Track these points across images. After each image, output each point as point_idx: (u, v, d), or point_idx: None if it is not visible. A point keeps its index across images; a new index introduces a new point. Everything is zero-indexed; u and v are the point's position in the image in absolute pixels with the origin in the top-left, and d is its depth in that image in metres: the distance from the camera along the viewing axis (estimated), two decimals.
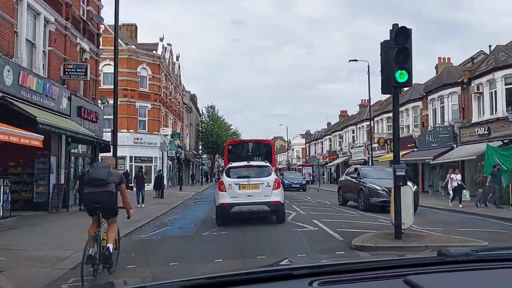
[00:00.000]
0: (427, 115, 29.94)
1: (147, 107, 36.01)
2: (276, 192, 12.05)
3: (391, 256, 2.38)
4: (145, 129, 35.87)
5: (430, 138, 28.57)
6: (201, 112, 63.40)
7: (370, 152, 38.85)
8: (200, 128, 65.08)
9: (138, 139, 34.81)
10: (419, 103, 31.26)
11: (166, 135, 38.91)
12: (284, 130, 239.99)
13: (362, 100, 55.43)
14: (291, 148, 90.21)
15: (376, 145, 38.53)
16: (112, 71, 34.70)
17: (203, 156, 75.04)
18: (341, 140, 51.25)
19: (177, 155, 44.07)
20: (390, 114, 37.75)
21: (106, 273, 6.23)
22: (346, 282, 1.45)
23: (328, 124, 67.32)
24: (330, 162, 51.36)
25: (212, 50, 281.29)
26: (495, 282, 1.39)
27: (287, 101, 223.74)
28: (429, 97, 29.42)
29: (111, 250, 6.26)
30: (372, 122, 40.29)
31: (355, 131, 45.43)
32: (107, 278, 5.79)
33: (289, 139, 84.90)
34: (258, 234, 10.78)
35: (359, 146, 42.21)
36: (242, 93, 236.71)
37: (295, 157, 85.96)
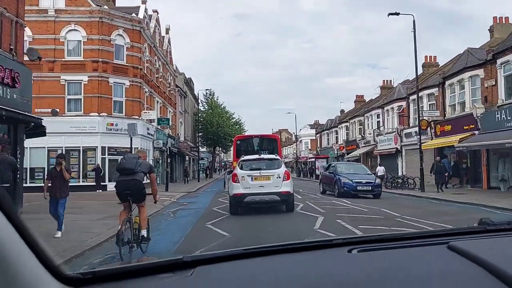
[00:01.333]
0: (493, 86, 22.21)
1: (124, 84, 28.38)
2: (286, 183, 12.82)
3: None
4: (122, 113, 28.28)
5: (503, 116, 20.87)
6: (197, 96, 55.60)
7: (401, 140, 31.39)
8: (197, 118, 57.50)
9: (112, 124, 27.25)
10: (480, 72, 23.50)
11: (150, 121, 31.31)
12: (289, 122, 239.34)
13: (384, 81, 47.88)
14: (299, 139, 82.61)
15: (411, 130, 30.83)
16: (80, 39, 27.55)
17: (201, 149, 67.69)
18: (361, 127, 43.53)
19: (168, 146, 36.52)
20: (432, 90, 30.04)
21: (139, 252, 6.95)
22: (387, 249, 1.43)
23: (342, 111, 59.62)
24: (348, 154, 43.70)
25: (215, 45, 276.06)
26: None
27: (291, 96, 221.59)
28: (499, 61, 21.66)
29: (145, 236, 7.20)
30: (406, 102, 32.58)
31: (382, 115, 37.69)
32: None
33: (295, 132, 77.20)
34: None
35: (389, 133, 34.45)
36: (246, 88, 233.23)
37: (303, 149, 78.29)
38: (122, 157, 8.38)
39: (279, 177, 12.74)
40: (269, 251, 1.47)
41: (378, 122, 38.36)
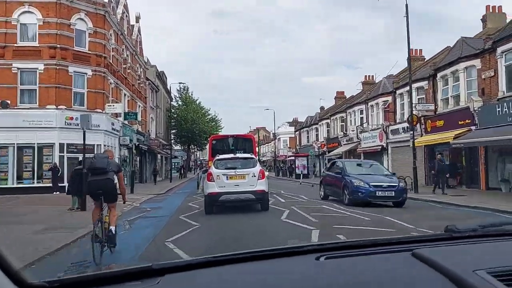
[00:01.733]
0: (492, 77, 20.31)
1: (86, 73, 25.47)
2: (261, 182, 12.87)
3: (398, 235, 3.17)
4: (83, 105, 25.38)
5: (505, 110, 18.96)
6: (169, 89, 52.62)
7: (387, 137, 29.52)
8: (171, 114, 54.63)
9: (72, 118, 24.33)
10: (476, 62, 21.61)
11: (116, 115, 28.47)
12: (268, 121, 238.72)
13: (365, 76, 46.07)
14: (278, 137, 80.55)
15: (398, 126, 28.96)
16: (35, 22, 24.44)
17: (175, 147, 64.82)
18: (343, 124, 41.53)
19: (136, 143, 33.77)
20: (422, 83, 27.90)
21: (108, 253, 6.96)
22: (353, 256, 1.46)
23: (322, 108, 57.71)
24: (330, 152, 41.65)
25: (191, 42, 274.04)
26: (501, 254, 1.37)
27: (270, 94, 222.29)
28: (500, 49, 19.75)
29: (114, 232, 7.07)
30: (392, 97, 30.66)
31: (365, 111, 35.71)
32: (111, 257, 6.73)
33: (274, 129, 74.99)
34: None
35: (374, 129, 32.47)
36: (224, 86, 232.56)
37: (282, 147, 76.19)
38: (92, 158, 8.43)
39: (254, 176, 12.86)
40: (238, 259, 1.48)
41: (362, 118, 36.39)
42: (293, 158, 51.38)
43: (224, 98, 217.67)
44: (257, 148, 25.70)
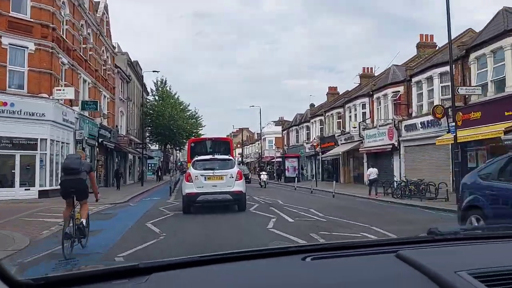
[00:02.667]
0: None
1: (27, 48, 19.90)
2: (238, 182, 13.13)
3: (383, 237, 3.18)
4: (22, 88, 19.83)
5: None
6: (142, 78, 46.82)
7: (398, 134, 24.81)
8: (146, 109, 48.98)
9: (5, 104, 18.79)
10: None
11: (70, 105, 22.87)
12: (250, 121, 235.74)
13: (364, 69, 41.35)
14: (263, 137, 75.54)
15: (415, 121, 24.16)
16: None
17: (151, 147, 59.18)
18: (340, 120, 36.57)
19: (100, 141, 28.35)
20: (446, 68, 21.75)
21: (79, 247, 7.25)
22: (338, 257, 1.48)
23: (312, 105, 52.74)
24: (324, 152, 36.68)
25: (174, 44, 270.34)
26: (482, 256, 1.41)
27: (252, 96, 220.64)
28: None
29: (84, 224, 7.43)
30: (405, 87, 25.86)
31: (369, 105, 30.81)
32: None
33: (260, 128, 69.94)
34: None
35: (383, 125, 27.53)
36: (206, 88, 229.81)
37: (267, 147, 71.10)
38: (65, 158, 9.01)
39: (232, 177, 13.14)
40: (225, 258, 1.48)
41: (364, 113, 31.47)
42: (281, 159, 46.31)
43: (205, 100, 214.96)
44: (234, 151, 26.00)
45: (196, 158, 14.24)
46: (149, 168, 66.97)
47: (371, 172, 22.00)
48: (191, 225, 10.84)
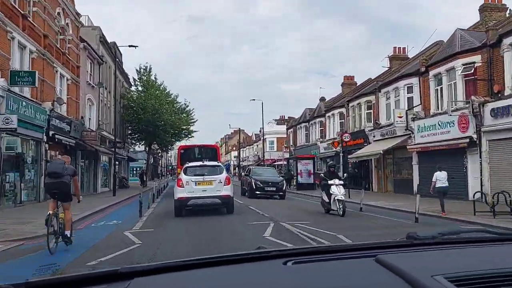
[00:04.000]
0: None
1: None
2: (226, 187, 14.00)
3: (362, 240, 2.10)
4: None
5: None
6: (120, 64, 38.56)
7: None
8: (126, 102, 40.73)
9: None
10: None
11: None
12: (245, 124, 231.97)
13: (395, 49, 33.41)
14: (262, 138, 67.56)
15: (505, 104, 16.16)
16: None
17: (136, 148, 50.90)
18: (372, 111, 28.51)
19: (51, 134, 20.32)
20: None
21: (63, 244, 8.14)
22: (319, 261, 1.50)
23: (322, 99, 44.81)
24: (351, 152, 28.59)
25: (168, 47, 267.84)
26: (458, 260, 1.43)
27: (245, 100, 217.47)
28: None
29: (69, 235, 8.25)
30: (485, 55, 17.88)
31: (420, 87, 22.79)
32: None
33: (262, 126, 61.82)
34: None
35: (456, 110, 19.32)
36: (200, 92, 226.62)
37: (267, 149, 63.02)
38: (50, 163, 10.55)
39: (221, 182, 13.96)
40: (206, 263, 1.49)
41: (410, 99, 23.45)
42: (291, 161, 38.18)
43: (197, 103, 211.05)
44: (221, 156, 28.95)
45: (187, 165, 15.08)
46: (134, 172, 58.90)
47: (439, 178, 14.24)
48: None
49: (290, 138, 49.40)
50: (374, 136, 26.85)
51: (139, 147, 47.48)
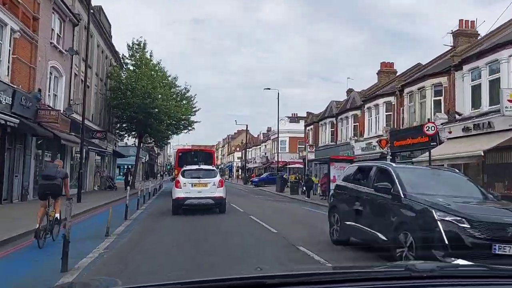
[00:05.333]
0: None
1: None
2: (219, 189, 15.30)
3: (360, 269, 2.04)
4: None
5: None
6: (109, 37, 30.66)
7: None
8: (112, 83, 32.94)
9: None
10: None
11: None
12: (249, 126, 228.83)
13: (461, 22, 25.50)
14: (270, 137, 60.06)
15: None
16: None
17: (126, 142, 43.25)
18: (440, 98, 20.62)
19: None
20: None
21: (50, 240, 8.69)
22: None
23: (350, 91, 37.09)
24: (411, 154, 20.75)
25: (171, 49, 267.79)
26: None
27: (247, 103, 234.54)
28: None
29: (58, 218, 9.23)
30: None
31: None
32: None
33: (277, 122, 53.81)
34: None
35: None
36: (201, 93, 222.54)
37: (278, 150, 55.35)
38: (44, 166, 11.60)
39: (214, 185, 15.26)
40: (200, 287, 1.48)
41: None
42: (306, 165, 30.36)
43: (199, 105, 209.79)
44: (216, 159, 30.30)
45: (185, 168, 16.54)
46: (122, 170, 51.22)
47: None
48: None
49: (310, 137, 41.55)
50: (450, 132, 18.95)
51: (128, 139, 39.42)
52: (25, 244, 8.75)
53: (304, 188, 29.97)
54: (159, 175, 78.69)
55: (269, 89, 39.96)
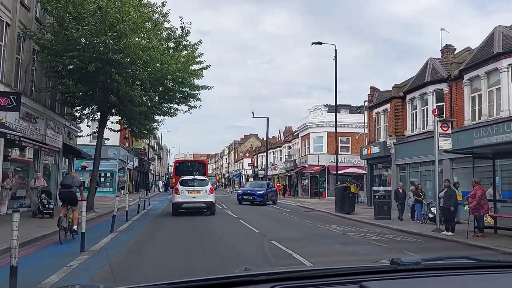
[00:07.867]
0: None
1: None
2: (210, 195, 18.75)
3: (348, 264, 2.06)
4: None
5: None
6: None
7: None
8: (41, 29, 17.97)
9: None
10: None
11: None
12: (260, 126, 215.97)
13: None
14: (303, 134, 45.45)
15: None
16: None
17: (93, 131, 27.72)
18: None
19: None
20: None
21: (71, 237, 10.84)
22: (305, 287, 1.50)
23: (446, 47, 22.17)
24: None
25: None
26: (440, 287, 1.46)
27: (248, 114, 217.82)
28: None
29: (76, 229, 10.97)
30: None
31: None
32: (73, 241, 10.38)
33: (309, 113, 38.94)
34: None
35: None
36: (203, 104, 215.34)
37: (311, 151, 40.28)
38: (63, 177, 13.92)
39: (206, 192, 18.64)
40: (192, 286, 1.49)
41: None
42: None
43: (201, 115, 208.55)
44: (209, 169, 37.83)
45: (182, 178, 19.72)
46: (106, 177, 36.98)
47: None
48: None
49: (375, 126, 26.59)
50: None
51: (89, 123, 23.47)
52: (50, 242, 10.72)
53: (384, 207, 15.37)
54: (153, 186, 63.34)
55: (320, 43, 24.21)
